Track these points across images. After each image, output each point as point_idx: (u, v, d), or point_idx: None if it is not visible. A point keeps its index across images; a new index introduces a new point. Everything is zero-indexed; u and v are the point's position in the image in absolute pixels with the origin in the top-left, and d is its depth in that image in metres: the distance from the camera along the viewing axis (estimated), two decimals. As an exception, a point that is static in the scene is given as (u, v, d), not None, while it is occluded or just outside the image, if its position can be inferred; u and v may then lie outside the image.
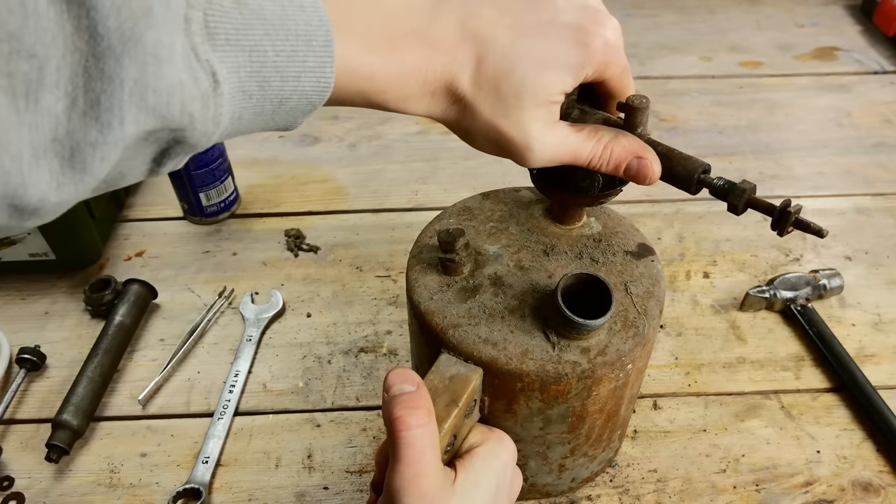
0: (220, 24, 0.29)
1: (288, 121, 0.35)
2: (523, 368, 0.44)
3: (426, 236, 0.54)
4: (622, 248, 0.52)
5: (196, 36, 0.28)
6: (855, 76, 1.09)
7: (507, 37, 0.38)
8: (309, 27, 0.32)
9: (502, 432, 0.46)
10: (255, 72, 0.31)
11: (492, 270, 0.50)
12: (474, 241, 0.52)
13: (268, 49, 0.31)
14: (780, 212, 0.40)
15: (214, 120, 0.30)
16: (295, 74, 0.32)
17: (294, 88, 0.32)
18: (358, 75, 0.35)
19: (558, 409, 0.47)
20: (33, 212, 0.28)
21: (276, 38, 0.31)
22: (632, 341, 0.46)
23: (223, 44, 0.29)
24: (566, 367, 0.45)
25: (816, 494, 0.60)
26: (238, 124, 0.32)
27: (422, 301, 0.49)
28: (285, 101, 0.33)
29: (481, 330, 0.46)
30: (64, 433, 0.61)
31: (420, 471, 0.38)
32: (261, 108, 0.32)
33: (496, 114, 0.39)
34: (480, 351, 0.45)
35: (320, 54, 0.32)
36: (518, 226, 0.53)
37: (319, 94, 0.34)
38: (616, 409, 0.51)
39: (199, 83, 0.29)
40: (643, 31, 1.17)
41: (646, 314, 0.48)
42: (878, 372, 0.68)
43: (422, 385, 0.40)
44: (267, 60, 0.31)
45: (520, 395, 0.46)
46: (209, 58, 0.29)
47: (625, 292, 0.49)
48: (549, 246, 0.52)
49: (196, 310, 0.75)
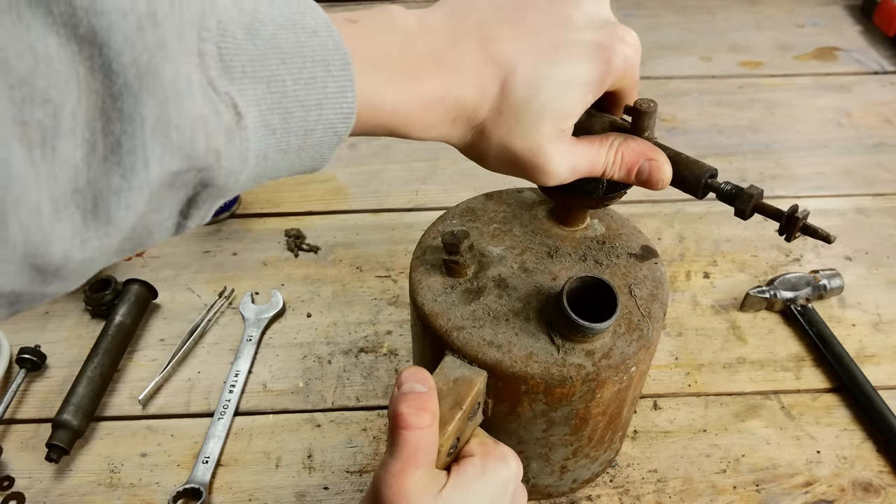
0: (234, 56, 0.28)
1: (314, 158, 0.33)
2: (528, 371, 0.44)
3: (429, 237, 0.54)
4: (626, 250, 0.52)
5: (212, 70, 0.27)
6: (855, 76, 1.09)
7: (529, 60, 0.37)
8: (325, 52, 0.31)
9: (507, 448, 0.45)
10: (275, 103, 0.29)
11: (496, 272, 0.50)
12: (478, 242, 0.52)
13: (286, 78, 0.29)
14: (787, 217, 0.40)
15: (241, 156, 0.29)
16: (316, 102, 0.31)
17: (317, 118, 0.31)
18: (380, 110, 0.34)
19: (562, 411, 0.47)
20: (56, 272, 0.26)
21: (293, 67, 0.30)
22: (636, 344, 0.46)
23: (240, 76, 0.28)
24: (571, 370, 0.45)
25: (816, 494, 0.60)
26: (264, 165, 0.31)
27: (426, 303, 0.48)
28: (310, 133, 0.31)
29: (486, 332, 0.46)
30: (64, 433, 0.61)
31: (407, 469, 0.38)
32: (286, 143, 0.31)
33: (514, 137, 0.38)
34: (485, 353, 0.45)
35: (339, 78, 0.31)
36: (522, 227, 0.53)
37: (344, 122, 0.32)
38: (619, 410, 0.51)
39: (222, 117, 0.27)
40: (643, 31, 1.17)
41: (650, 317, 0.48)
42: (878, 372, 0.68)
43: (433, 388, 0.40)
44: (286, 90, 0.29)
45: (524, 397, 0.46)
46: (228, 90, 0.28)
47: (629, 295, 0.49)
48: (553, 248, 0.52)
49: (196, 310, 0.75)
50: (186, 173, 0.27)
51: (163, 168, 0.26)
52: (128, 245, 0.29)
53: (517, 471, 0.44)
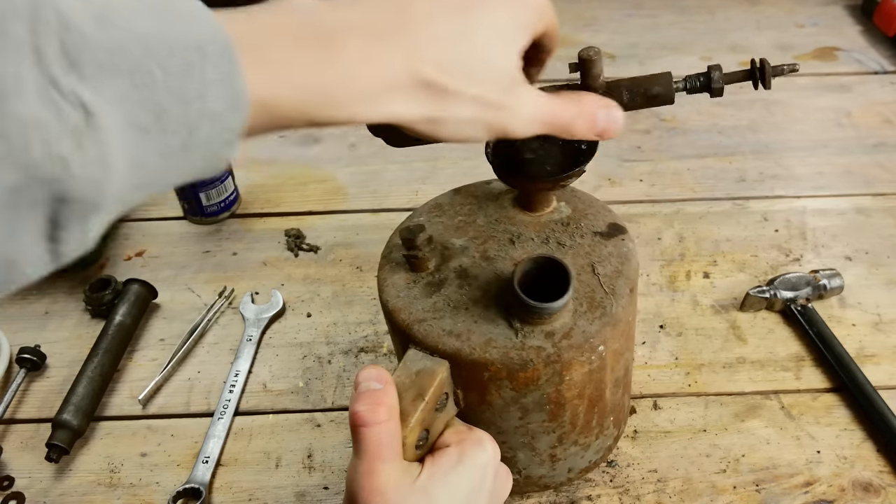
0: (83, 49, 0.24)
1: (207, 158, 0.29)
2: (487, 357, 0.45)
3: (395, 236, 0.54)
4: (591, 229, 0.52)
5: (55, 68, 0.24)
6: (855, 76, 1.08)
7: (455, 15, 0.35)
8: (198, 33, 0.27)
9: (482, 432, 0.45)
10: (144, 98, 0.25)
11: (457, 263, 0.50)
12: (441, 236, 0.52)
13: (153, 68, 0.25)
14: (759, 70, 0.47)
15: (100, 162, 0.25)
16: (197, 93, 0.26)
17: (200, 111, 0.27)
18: (286, 90, 0.30)
19: (532, 396, 0.47)
20: None
21: (160, 55, 0.26)
22: (599, 322, 0.46)
23: (95, 71, 0.24)
24: (530, 353, 0.45)
25: (816, 495, 0.60)
26: (144, 172, 0.27)
27: (390, 299, 0.49)
28: (195, 131, 0.27)
29: (445, 323, 0.46)
30: (64, 433, 0.61)
31: (374, 467, 0.38)
32: (165, 144, 0.27)
33: (474, 90, 0.35)
34: (444, 343, 0.45)
35: (220, 63, 0.27)
36: (486, 217, 0.53)
37: (235, 112, 0.28)
38: (598, 394, 0.51)
39: (65, 118, 0.24)
40: (643, 31, 1.17)
41: (614, 293, 0.48)
42: (878, 372, 0.68)
43: (390, 383, 0.41)
44: (155, 82, 0.25)
45: (489, 384, 0.46)
46: (75, 88, 0.24)
47: (591, 273, 0.49)
48: (516, 234, 0.52)
49: (196, 310, 0.75)
50: (30, 187, 0.24)
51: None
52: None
53: (494, 453, 0.44)
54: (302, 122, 0.31)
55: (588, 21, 1.19)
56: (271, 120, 0.30)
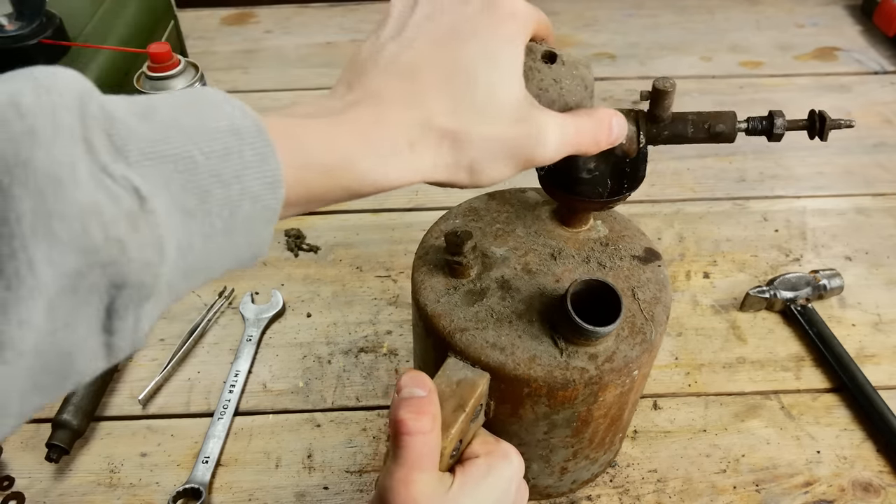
0: (129, 140, 0.26)
1: (250, 241, 0.30)
2: (531, 374, 0.44)
3: (432, 237, 0.53)
4: (629, 252, 0.52)
5: (104, 156, 0.25)
6: (855, 76, 1.09)
7: (450, 57, 0.35)
8: (233, 119, 0.28)
9: (509, 445, 0.45)
10: (188, 182, 0.26)
11: (499, 273, 0.50)
12: (481, 243, 0.52)
13: (194, 153, 0.27)
14: (819, 121, 0.47)
15: (155, 245, 0.25)
16: (235, 174, 0.27)
17: (240, 192, 0.28)
18: (313, 163, 0.31)
19: (564, 414, 0.47)
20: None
21: (201, 141, 0.27)
22: (639, 347, 0.46)
23: (139, 158, 0.25)
24: (574, 374, 0.44)
25: (816, 494, 0.60)
26: (191, 256, 0.27)
27: (429, 304, 0.48)
28: (236, 211, 0.28)
29: (489, 334, 0.46)
30: (64, 433, 0.61)
31: (412, 476, 0.38)
32: (209, 225, 0.27)
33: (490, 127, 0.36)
34: (488, 356, 0.45)
35: (256, 144, 0.28)
36: (525, 228, 0.53)
37: (271, 191, 0.29)
38: (620, 413, 0.51)
39: (120, 201, 0.24)
40: (643, 31, 1.17)
41: (653, 320, 0.48)
42: (878, 372, 0.68)
43: (433, 391, 0.40)
44: (197, 166, 0.27)
45: (526, 400, 0.46)
46: (125, 174, 0.25)
47: (632, 298, 0.49)
48: (557, 249, 0.51)
49: (196, 310, 0.75)
50: (90, 272, 0.24)
51: (55, 268, 0.23)
52: (46, 378, 0.25)
53: (519, 466, 0.45)
54: (338, 192, 0.33)
55: (588, 21, 1.19)
56: (308, 191, 0.32)
